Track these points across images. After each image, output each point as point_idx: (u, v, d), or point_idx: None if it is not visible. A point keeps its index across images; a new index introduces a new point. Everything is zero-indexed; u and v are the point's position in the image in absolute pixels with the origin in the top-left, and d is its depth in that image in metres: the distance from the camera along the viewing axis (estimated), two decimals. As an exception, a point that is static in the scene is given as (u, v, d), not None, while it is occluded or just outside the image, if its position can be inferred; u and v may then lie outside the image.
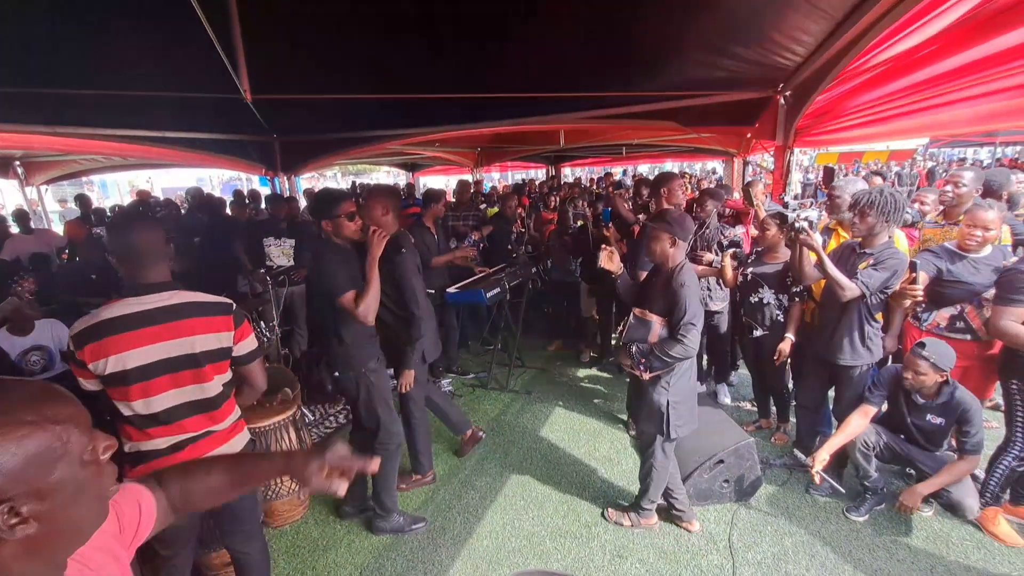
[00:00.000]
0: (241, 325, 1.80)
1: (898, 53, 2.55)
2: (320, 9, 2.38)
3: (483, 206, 7.05)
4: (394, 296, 2.79)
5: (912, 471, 2.92)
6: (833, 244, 3.21)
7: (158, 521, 0.93)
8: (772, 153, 4.55)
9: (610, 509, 2.89)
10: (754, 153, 6.71)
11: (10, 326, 2.98)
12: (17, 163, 7.15)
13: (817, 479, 2.68)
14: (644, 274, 2.85)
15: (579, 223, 5.01)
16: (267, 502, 2.77)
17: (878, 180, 4.53)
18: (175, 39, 2.43)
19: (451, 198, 6.33)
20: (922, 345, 2.51)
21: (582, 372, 4.94)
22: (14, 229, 5.82)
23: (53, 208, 10.86)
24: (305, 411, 4.01)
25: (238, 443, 1.89)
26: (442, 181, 14.71)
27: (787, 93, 3.91)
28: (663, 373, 2.48)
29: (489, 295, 4.13)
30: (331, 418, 4.14)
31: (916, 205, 3.27)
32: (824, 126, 3.89)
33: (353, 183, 12.58)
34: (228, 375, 1.82)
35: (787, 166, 4.36)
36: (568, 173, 16.46)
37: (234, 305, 1.79)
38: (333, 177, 21.99)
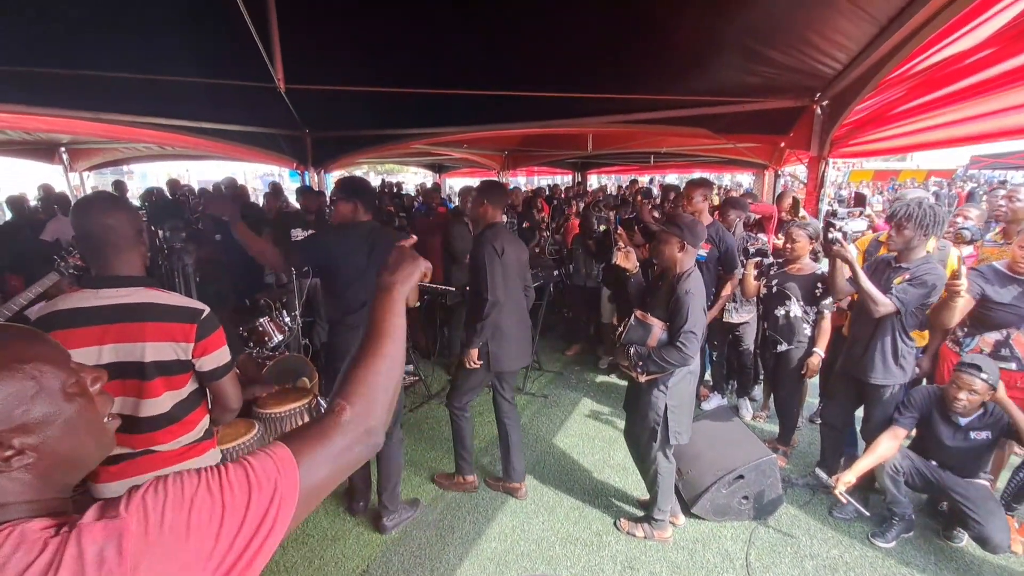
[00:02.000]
0: (208, 337, 1.55)
1: (944, 59, 2.44)
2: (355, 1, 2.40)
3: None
4: (472, 282, 2.85)
5: (944, 504, 2.79)
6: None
7: (302, 499, 0.69)
8: (806, 164, 4.43)
9: (623, 519, 2.83)
10: (787, 164, 6.55)
11: (47, 302, 3.10)
12: (63, 149, 7.44)
13: (842, 500, 2.57)
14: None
15: (602, 228, 4.96)
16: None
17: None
18: (212, 23, 2.49)
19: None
20: (975, 366, 2.41)
21: (599, 378, 4.87)
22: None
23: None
24: (321, 401, 4.04)
25: (191, 466, 1.58)
26: (470, 183, 14.77)
27: (824, 103, 3.80)
28: (660, 376, 2.47)
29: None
30: (347, 410, 4.16)
31: (960, 220, 3.14)
32: (861, 136, 3.76)
33: (383, 181, 12.75)
34: (185, 392, 1.58)
35: (821, 178, 4.23)
36: (594, 180, 16.37)
37: (205, 313, 1.55)
38: (364, 175, 22.36)
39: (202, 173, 17.44)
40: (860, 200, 4.22)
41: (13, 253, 4.28)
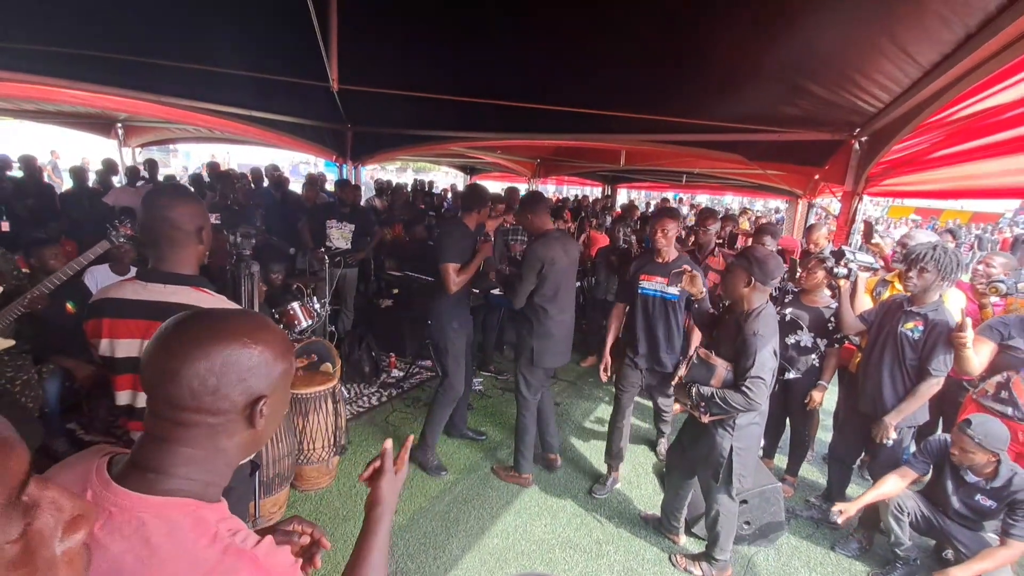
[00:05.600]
0: None
1: (984, 109, 2.45)
2: (416, 8, 2.53)
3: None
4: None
5: (949, 552, 2.77)
6: (886, 296, 3.11)
7: None
8: (839, 198, 4.41)
9: (679, 555, 2.74)
10: (821, 196, 6.50)
11: (112, 264, 3.34)
12: (119, 125, 7.83)
13: (839, 520, 2.53)
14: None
15: (624, 245, 5.01)
16: (299, 466, 2.92)
17: (948, 238, 4.31)
18: (279, 23, 2.66)
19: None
20: (968, 423, 2.40)
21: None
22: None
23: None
24: (343, 388, 4.18)
25: None
26: (498, 187, 14.92)
27: (863, 138, 3.80)
28: (726, 416, 2.33)
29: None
30: (364, 398, 4.31)
31: (981, 267, 3.11)
32: (898, 176, 3.74)
33: (415, 180, 12.98)
34: None
35: (853, 213, 4.22)
36: (624, 195, 16.35)
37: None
38: (395, 171, 22.77)
39: (242, 157, 17.97)
40: (868, 231, 4.13)
41: (71, 219, 4.56)
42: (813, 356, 3.18)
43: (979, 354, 2.52)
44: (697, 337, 3.11)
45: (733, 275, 2.30)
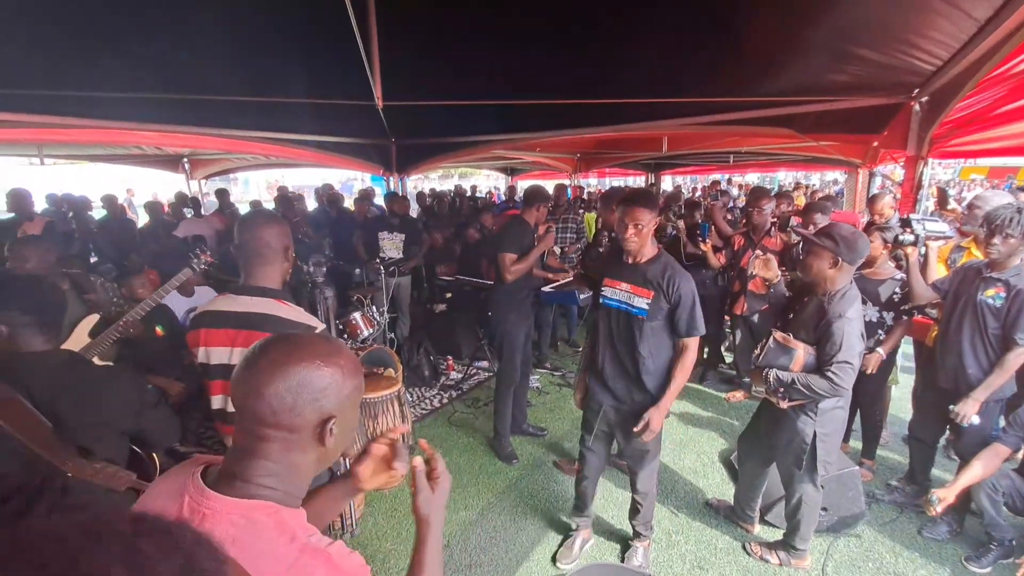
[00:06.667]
0: None
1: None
2: (450, 20, 2.63)
3: (580, 210, 7.11)
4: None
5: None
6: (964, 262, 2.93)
7: None
8: (902, 164, 4.16)
9: (754, 543, 2.68)
10: (882, 164, 6.14)
11: (206, 303, 3.67)
12: (185, 160, 8.48)
13: (939, 509, 2.33)
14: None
15: (672, 232, 4.91)
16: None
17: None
18: (327, 50, 2.82)
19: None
20: None
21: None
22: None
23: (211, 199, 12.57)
24: (405, 392, 4.36)
25: None
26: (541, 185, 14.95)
27: (923, 99, 3.57)
28: (807, 401, 2.24)
29: (582, 297, 4.23)
30: (426, 401, 4.47)
31: None
32: (966, 135, 3.49)
33: (457, 187, 13.22)
34: None
35: (919, 179, 3.97)
36: (668, 181, 15.97)
37: (316, 331, 1.62)
38: (438, 179, 23.27)
39: (295, 179, 18.94)
40: (942, 197, 3.77)
41: (152, 251, 5.00)
42: (880, 333, 3.04)
43: None
44: (685, 370, 2.34)
45: (818, 256, 2.16)
